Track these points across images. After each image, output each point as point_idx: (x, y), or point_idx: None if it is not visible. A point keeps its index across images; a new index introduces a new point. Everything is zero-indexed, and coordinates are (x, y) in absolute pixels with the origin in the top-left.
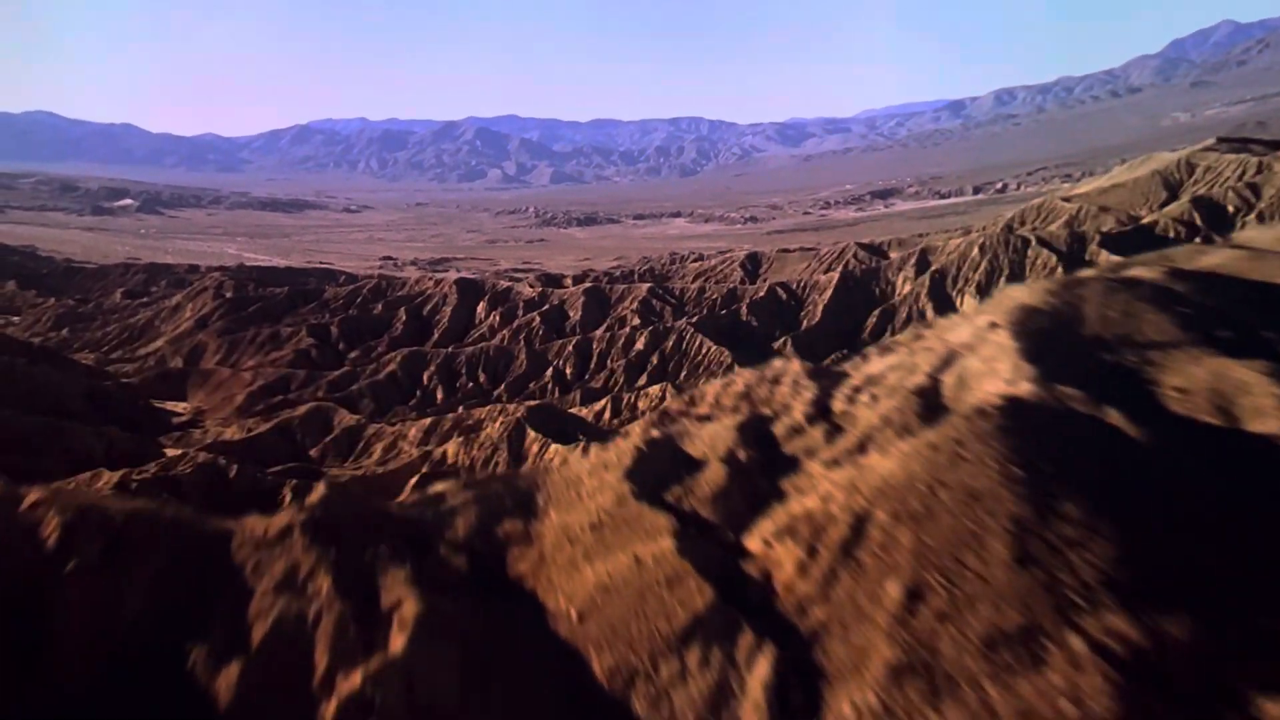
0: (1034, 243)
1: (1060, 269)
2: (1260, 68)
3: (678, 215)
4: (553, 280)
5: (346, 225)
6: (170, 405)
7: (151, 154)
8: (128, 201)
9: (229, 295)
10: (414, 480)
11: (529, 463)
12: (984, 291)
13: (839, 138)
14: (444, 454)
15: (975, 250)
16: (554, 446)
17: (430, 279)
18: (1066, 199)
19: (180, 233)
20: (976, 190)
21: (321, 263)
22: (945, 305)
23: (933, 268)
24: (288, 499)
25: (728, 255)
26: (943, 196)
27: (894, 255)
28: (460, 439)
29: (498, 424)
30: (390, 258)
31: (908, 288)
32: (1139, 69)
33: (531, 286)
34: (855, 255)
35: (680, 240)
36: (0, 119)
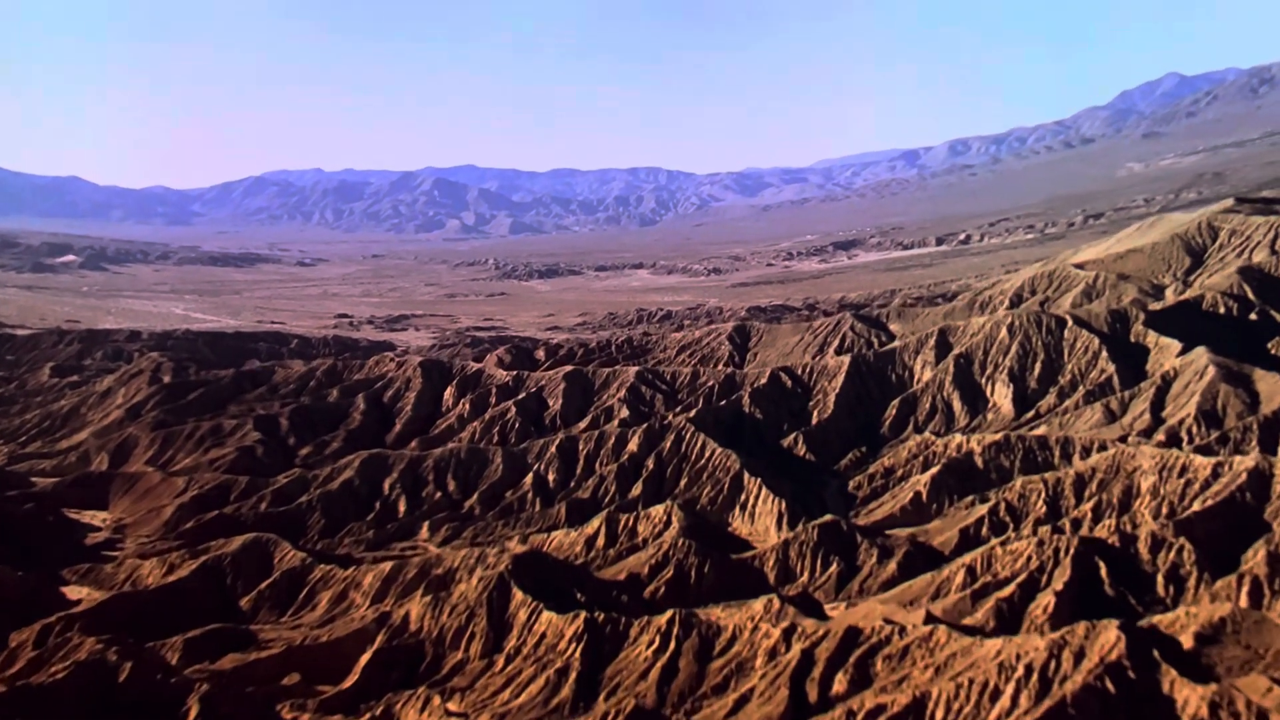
0: (1070, 323)
1: (1104, 352)
2: (1210, 119)
3: (640, 266)
4: (525, 356)
5: (300, 279)
6: (88, 516)
7: (97, 207)
8: (70, 258)
9: (166, 380)
10: (367, 657)
11: (515, 635)
12: (1017, 379)
13: (796, 187)
14: (405, 617)
15: (1004, 332)
16: (546, 614)
17: (392, 359)
18: (1079, 265)
19: (125, 290)
20: (939, 241)
21: (273, 323)
22: (973, 394)
23: (955, 351)
24: (193, 714)
25: (714, 329)
26: (905, 248)
27: (895, 327)
28: (427, 598)
29: (475, 579)
30: (345, 315)
31: (928, 374)
32: (1089, 120)
33: (504, 369)
34: (853, 328)
35: (644, 294)
36: None
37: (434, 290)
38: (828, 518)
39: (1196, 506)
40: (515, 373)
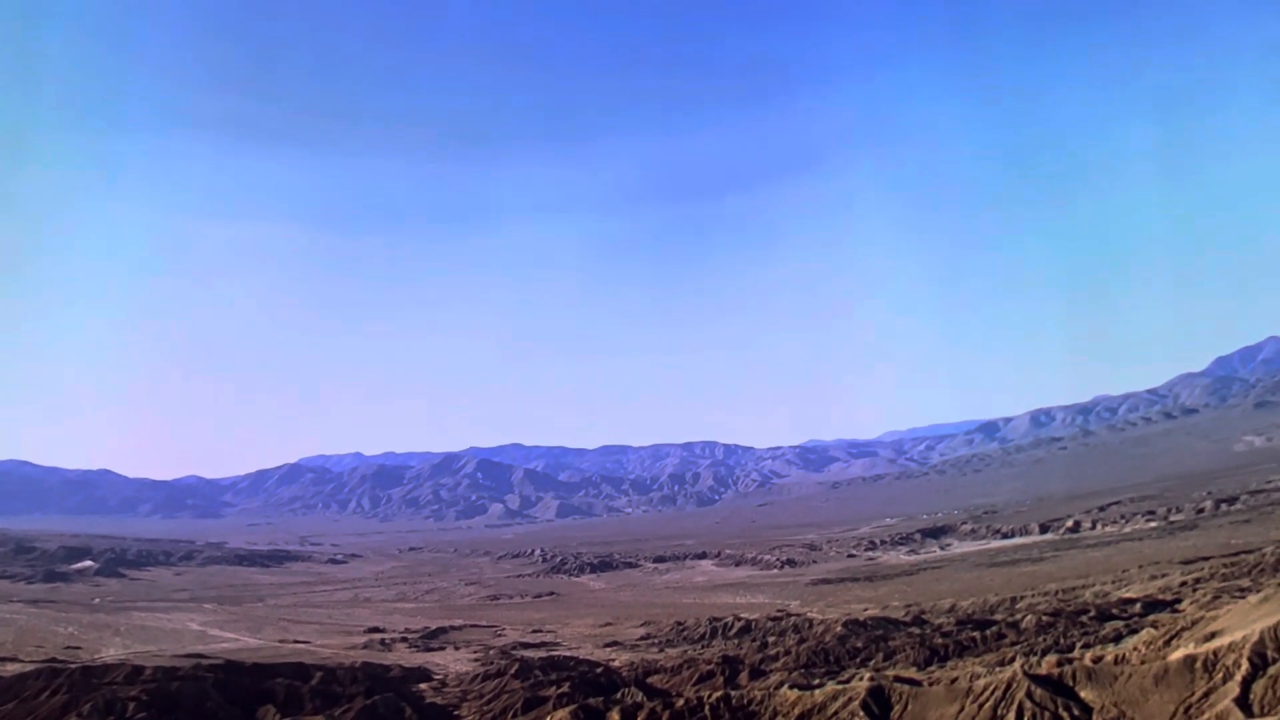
0: None
1: None
2: None
3: (703, 556)
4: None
5: (331, 581)
6: None
7: (126, 502)
8: (87, 564)
9: None
10: None
11: None
12: None
13: (865, 462)
14: None
15: None
16: None
17: None
18: None
19: (140, 599)
20: (1043, 529)
21: (296, 641)
22: None
23: None
24: None
25: (841, 693)
26: (1005, 536)
27: (1089, 696)
28: None
29: None
30: (377, 629)
31: None
32: (1186, 387)
33: None
34: (1030, 696)
35: (712, 592)
36: None
37: (475, 591)
38: None
39: None
40: None
